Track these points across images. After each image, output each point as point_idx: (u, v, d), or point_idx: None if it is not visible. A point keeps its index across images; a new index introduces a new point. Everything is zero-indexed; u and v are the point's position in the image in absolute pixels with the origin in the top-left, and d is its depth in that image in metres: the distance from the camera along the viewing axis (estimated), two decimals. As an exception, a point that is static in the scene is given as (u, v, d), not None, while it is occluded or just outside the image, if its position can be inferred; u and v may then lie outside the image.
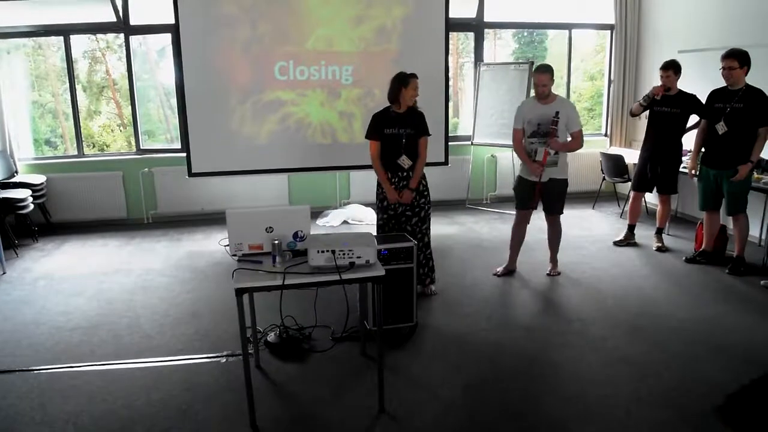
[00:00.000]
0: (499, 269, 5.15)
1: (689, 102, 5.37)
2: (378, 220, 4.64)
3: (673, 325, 4.11)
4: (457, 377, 3.45)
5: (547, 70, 4.62)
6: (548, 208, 4.92)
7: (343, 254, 2.96)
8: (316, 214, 7.08)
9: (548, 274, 5.04)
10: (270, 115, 6.25)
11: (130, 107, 7.17)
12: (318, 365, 3.62)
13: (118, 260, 5.75)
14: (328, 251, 2.95)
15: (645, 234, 6.15)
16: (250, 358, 3.62)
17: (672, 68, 5.37)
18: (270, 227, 3.20)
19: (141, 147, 7.28)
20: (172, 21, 5.94)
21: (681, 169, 5.71)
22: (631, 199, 6.01)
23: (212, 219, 7.06)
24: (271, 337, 3.91)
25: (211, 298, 4.71)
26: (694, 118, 5.49)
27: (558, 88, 5.45)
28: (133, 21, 6.94)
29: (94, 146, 8.81)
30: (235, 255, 3.25)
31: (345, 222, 6.90)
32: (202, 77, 6.04)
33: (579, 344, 3.85)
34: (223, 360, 3.70)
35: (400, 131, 4.34)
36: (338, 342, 3.89)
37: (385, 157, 4.41)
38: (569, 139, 4.71)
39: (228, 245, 3.22)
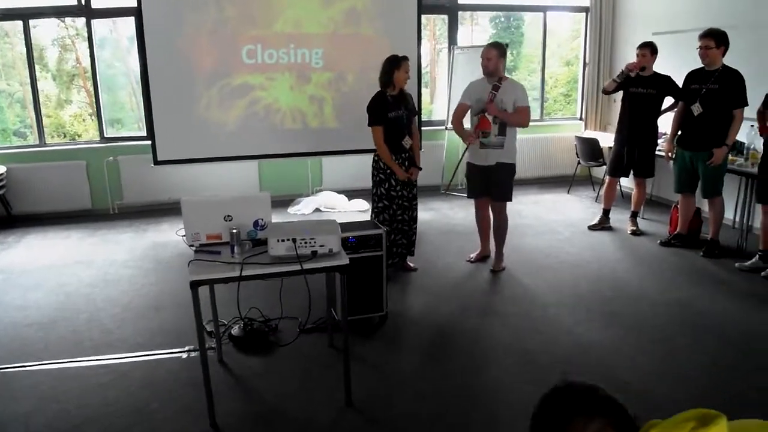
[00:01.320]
0: (473, 255, 5.04)
1: (664, 83, 5.31)
2: (374, 207, 4.60)
3: (646, 309, 4.04)
4: (428, 367, 3.33)
5: (493, 46, 4.47)
6: (493, 194, 4.68)
7: (305, 243, 2.81)
8: (288, 201, 6.91)
9: (492, 270, 4.75)
10: (238, 101, 6.05)
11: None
12: (284, 358, 3.48)
13: (81, 252, 5.53)
14: (288, 240, 2.80)
15: (620, 218, 6.08)
16: (212, 352, 3.48)
17: (649, 47, 5.30)
18: (228, 216, 3.04)
19: (105, 135, 7.02)
20: (135, 4, 5.69)
21: (657, 152, 5.65)
22: (606, 184, 5.93)
23: (180, 208, 6.82)
24: (235, 330, 3.75)
25: (175, 291, 4.53)
26: (669, 101, 5.43)
27: (534, 73, 5.31)
28: (96, 4, 6.67)
29: (65, 136, 8.52)
30: (192, 245, 3.09)
31: (317, 210, 6.74)
32: (166, 62, 5.81)
33: (553, 331, 3.75)
34: (185, 355, 3.53)
35: (400, 113, 4.40)
36: (305, 334, 3.74)
37: (390, 140, 4.44)
38: (514, 127, 4.48)
39: (185, 235, 3.05)
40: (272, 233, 2.85)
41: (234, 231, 2.91)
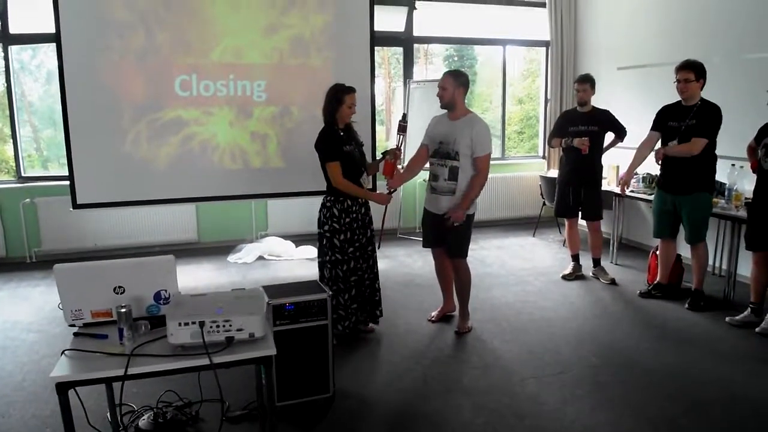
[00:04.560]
0: (434, 313, 4.36)
1: (605, 119, 5.07)
2: (322, 262, 3.91)
3: (639, 380, 3.39)
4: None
5: (450, 74, 3.89)
6: (449, 247, 4.03)
7: (216, 326, 2.06)
8: (230, 248, 6.18)
9: (456, 332, 4.10)
10: (170, 137, 5.30)
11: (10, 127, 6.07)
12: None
13: (-22, 312, 4.61)
14: (194, 323, 2.03)
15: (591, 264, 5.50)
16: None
17: (589, 82, 5.05)
18: (120, 287, 2.28)
19: (23, 174, 6.16)
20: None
21: (615, 189, 5.38)
22: (566, 227, 5.46)
23: (107, 256, 5.98)
24: (143, 421, 2.92)
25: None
26: (610, 137, 5.17)
27: (492, 111, 4.79)
28: (14, 29, 5.90)
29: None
30: (73, 325, 2.30)
31: (261, 258, 6.05)
32: (88, 92, 5.04)
33: (535, 412, 3.04)
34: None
35: (353, 148, 3.89)
36: (232, 423, 2.94)
37: (347, 178, 3.79)
38: (470, 169, 3.83)
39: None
40: (174, 313, 2.08)
41: (123, 309, 2.14)
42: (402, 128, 3.94)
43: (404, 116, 3.99)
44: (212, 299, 2.26)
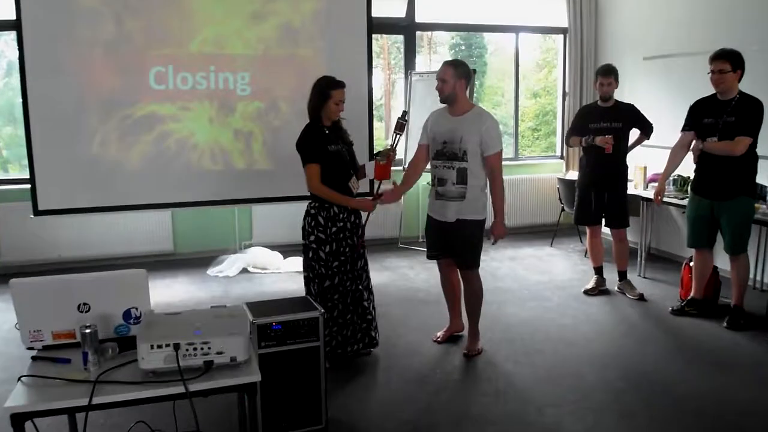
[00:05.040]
0: (440, 334, 4.33)
1: (630, 114, 5.10)
2: (307, 277, 3.91)
3: (672, 411, 3.36)
4: None
5: (450, 64, 3.86)
6: (459, 258, 4.05)
7: (194, 350, 2.04)
8: (209, 260, 6.18)
9: (465, 354, 4.07)
10: (143, 135, 5.31)
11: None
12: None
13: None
14: (168, 346, 2.01)
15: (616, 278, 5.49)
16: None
17: (613, 74, 5.06)
18: (85, 304, 2.26)
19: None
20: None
21: (642, 192, 5.43)
22: (588, 236, 5.47)
23: (71, 269, 5.98)
24: (111, 457, 2.89)
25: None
26: (635, 134, 5.22)
27: (504, 106, 4.79)
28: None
29: None
30: (31, 348, 2.28)
31: (244, 270, 6.05)
32: (52, 86, 5.04)
33: (554, 447, 3.02)
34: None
35: (340, 147, 3.86)
36: (212, 460, 2.91)
37: (333, 181, 3.78)
38: (480, 170, 3.87)
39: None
40: (145, 334, 2.06)
41: (88, 330, 2.12)
42: (400, 126, 3.90)
43: (404, 114, 3.96)
44: (189, 318, 2.23)
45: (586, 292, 5.28)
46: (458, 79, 3.81)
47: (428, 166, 4.11)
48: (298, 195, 5.13)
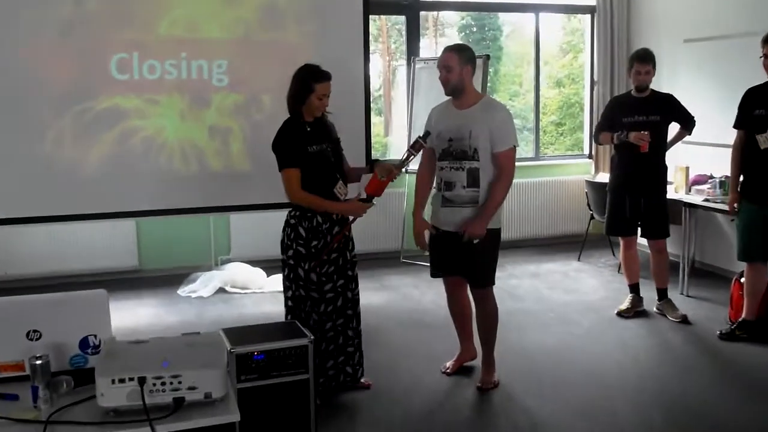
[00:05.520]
0: (449, 364, 4.37)
1: (668, 105, 5.16)
2: (287, 297, 3.91)
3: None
4: None
5: (453, 50, 3.90)
6: (471, 274, 4.04)
7: (162, 384, 2.05)
8: (180, 278, 6.24)
9: (479, 387, 4.09)
10: (103, 132, 5.34)
11: None
12: None
13: None
14: (132, 380, 2.03)
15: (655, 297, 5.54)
16: None
17: (652, 61, 5.12)
18: (35, 331, 2.29)
19: None
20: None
21: (684, 197, 5.53)
22: (621, 248, 5.51)
23: (20, 289, 6.00)
24: None
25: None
26: (674, 129, 5.29)
27: (523, 96, 4.84)
28: None
29: None
30: (-28, 382, 2.29)
31: (221, 290, 6.12)
32: (-4, 76, 5.14)
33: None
34: None
35: (324, 147, 3.89)
36: None
37: (315, 187, 3.81)
38: (491, 173, 3.88)
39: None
40: (105, 366, 2.08)
41: (39, 361, 2.15)
42: (417, 147, 3.91)
43: (427, 134, 3.96)
44: (156, 347, 2.24)
45: (620, 314, 5.32)
46: (464, 65, 3.84)
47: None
48: (284, 202, 5.16)
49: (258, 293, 6.06)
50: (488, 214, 3.85)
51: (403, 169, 4.00)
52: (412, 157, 3.96)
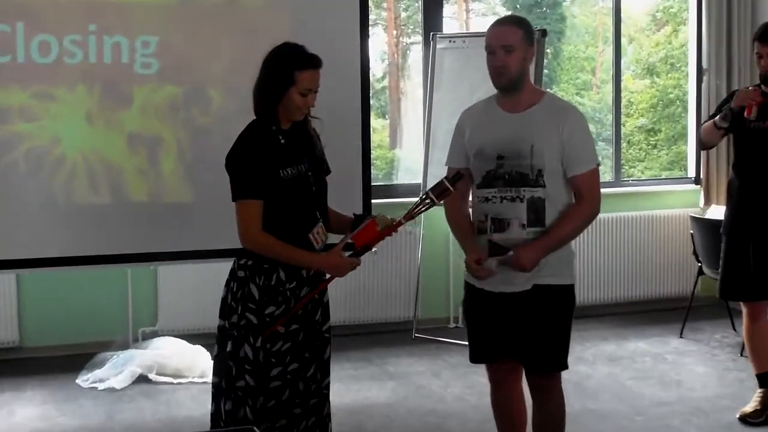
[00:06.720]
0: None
1: None
2: (227, 388, 3.82)
3: None
4: None
5: (514, 22, 3.95)
6: (529, 356, 4.03)
7: None
8: (83, 359, 6.30)
9: None
10: (-30, 143, 5.46)
11: None
12: None
13: None
14: None
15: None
16: None
17: None
18: None
19: None
20: None
21: None
22: (745, 318, 5.51)
23: None
24: None
25: None
26: None
27: (595, 89, 4.88)
28: None
29: None
30: None
31: (143, 378, 6.15)
32: None
33: None
34: None
35: (303, 169, 3.87)
36: None
37: (283, 229, 3.76)
38: (566, 199, 3.94)
39: None
40: None
41: None
42: (441, 191, 3.84)
43: (458, 175, 3.90)
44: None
45: (745, 419, 5.30)
46: (528, 47, 3.90)
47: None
48: (237, 247, 5.19)
49: (197, 383, 6.05)
50: (550, 244, 3.84)
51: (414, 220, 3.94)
52: (430, 204, 3.90)
